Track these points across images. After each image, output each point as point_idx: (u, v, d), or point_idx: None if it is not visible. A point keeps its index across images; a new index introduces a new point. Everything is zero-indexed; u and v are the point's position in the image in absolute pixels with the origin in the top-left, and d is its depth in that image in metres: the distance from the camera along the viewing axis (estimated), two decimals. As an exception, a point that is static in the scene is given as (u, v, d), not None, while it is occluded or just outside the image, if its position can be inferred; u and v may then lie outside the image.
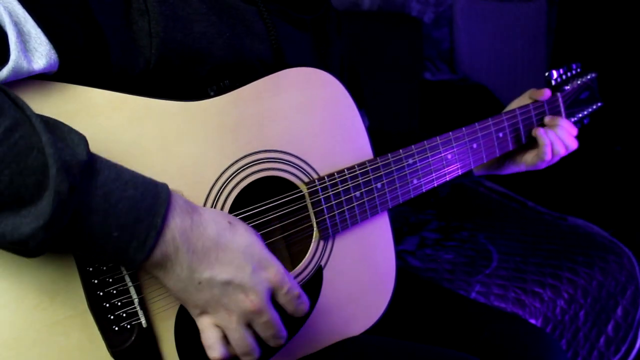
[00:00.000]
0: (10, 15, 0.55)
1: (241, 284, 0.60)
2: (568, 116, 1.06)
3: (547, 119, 1.01)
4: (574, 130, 1.00)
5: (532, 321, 1.43)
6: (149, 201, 0.55)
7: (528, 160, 1.01)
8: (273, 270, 0.63)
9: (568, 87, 1.06)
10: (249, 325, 0.63)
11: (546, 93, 1.01)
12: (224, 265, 0.60)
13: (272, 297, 0.63)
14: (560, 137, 0.98)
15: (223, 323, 0.62)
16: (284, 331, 0.64)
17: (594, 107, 1.12)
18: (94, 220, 0.53)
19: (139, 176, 0.57)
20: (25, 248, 0.51)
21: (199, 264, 0.59)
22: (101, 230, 0.53)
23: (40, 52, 0.56)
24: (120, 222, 0.54)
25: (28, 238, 0.50)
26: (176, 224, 0.57)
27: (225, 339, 0.62)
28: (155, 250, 0.56)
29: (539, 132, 0.97)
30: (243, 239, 0.62)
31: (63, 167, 0.50)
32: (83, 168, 0.52)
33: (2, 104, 0.51)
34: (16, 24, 0.55)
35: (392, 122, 2.16)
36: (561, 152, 0.98)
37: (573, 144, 1.00)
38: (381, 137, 0.94)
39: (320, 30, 0.91)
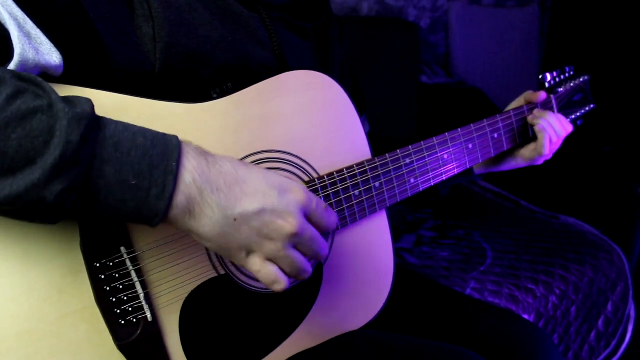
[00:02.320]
0: (10, 15, 0.55)
1: (274, 209, 0.58)
2: (561, 117, 1.06)
3: (535, 111, 1.01)
4: (564, 119, 1.00)
5: (525, 316, 1.43)
6: (161, 148, 0.54)
7: (526, 155, 1.01)
8: (297, 190, 0.61)
9: (561, 89, 1.06)
10: (295, 247, 0.61)
11: (541, 95, 1.01)
12: (251, 195, 0.58)
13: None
14: (551, 123, 0.98)
15: (272, 254, 0.59)
16: (325, 242, 0.63)
17: (587, 108, 1.12)
18: (108, 170, 0.52)
19: (147, 129, 0.55)
20: (44, 206, 0.50)
21: (227, 201, 0.56)
22: (117, 180, 0.52)
23: (42, 51, 0.56)
24: (135, 170, 0.52)
25: (43, 189, 0.49)
26: (192, 165, 0.55)
27: (280, 267, 0.60)
28: (177, 195, 0.54)
29: (538, 127, 0.97)
30: (258, 170, 0.60)
31: (74, 119, 0.50)
32: (92, 121, 0.51)
33: (3, 75, 0.50)
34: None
35: (389, 125, 2.16)
36: (554, 138, 0.98)
37: (567, 127, 1.00)
38: (381, 143, 0.94)
39: (322, 38, 0.91)
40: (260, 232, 0.58)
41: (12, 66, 0.54)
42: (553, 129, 0.98)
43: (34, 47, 0.56)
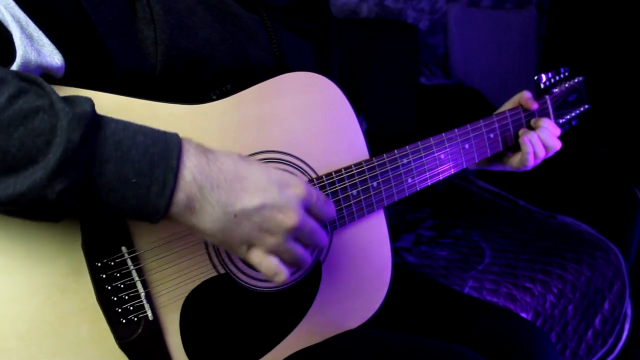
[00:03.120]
0: (13, 17, 0.55)
1: (274, 205, 0.58)
2: (556, 118, 1.06)
3: (532, 121, 1.00)
4: (557, 131, 0.99)
5: (523, 315, 1.43)
6: (161, 146, 0.54)
7: (513, 163, 1.00)
8: (297, 184, 0.61)
9: (556, 90, 1.06)
10: (296, 239, 0.61)
11: (533, 105, 1.00)
12: (251, 192, 0.58)
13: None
14: (541, 139, 0.97)
15: (274, 247, 0.60)
16: (324, 233, 0.63)
17: (582, 109, 1.12)
18: (109, 169, 0.52)
19: (147, 126, 0.55)
20: (46, 204, 0.50)
21: (228, 198, 0.56)
22: (118, 178, 0.52)
23: (44, 53, 0.56)
24: (135, 169, 0.52)
25: (45, 188, 0.49)
26: (192, 163, 0.55)
27: (280, 259, 0.61)
28: (177, 193, 0.54)
29: (522, 140, 0.96)
30: (258, 166, 0.60)
31: (74, 119, 0.50)
32: (92, 120, 0.51)
33: (5, 75, 0.50)
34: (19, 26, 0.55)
35: (389, 125, 2.16)
36: (541, 154, 0.97)
37: (556, 145, 0.98)
38: (378, 140, 0.94)
39: (321, 38, 0.91)
40: (261, 226, 0.58)
41: (14, 68, 0.54)
42: (542, 144, 0.97)
43: (36, 48, 0.56)
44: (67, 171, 0.49)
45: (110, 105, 0.62)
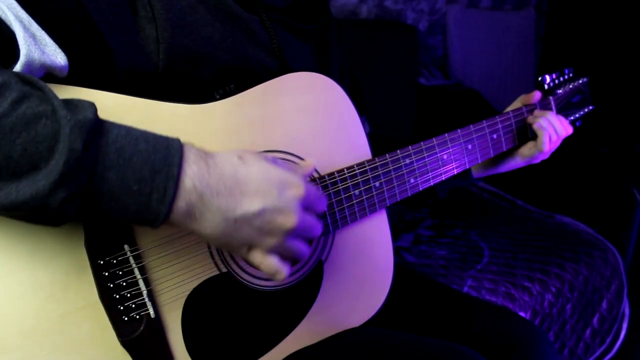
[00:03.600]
0: (16, 17, 0.55)
1: (274, 208, 0.58)
2: (560, 119, 1.06)
3: (536, 112, 1.00)
4: (565, 121, 1.00)
5: (522, 314, 1.43)
6: (162, 153, 0.54)
7: (524, 153, 0.99)
8: (297, 184, 0.61)
9: (560, 91, 1.06)
10: (295, 236, 0.61)
11: (536, 95, 1.00)
12: (251, 196, 0.58)
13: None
14: (551, 122, 0.97)
15: (273, 247, 0.60)
16: (320, 223, 0.64)
17: (586, 110, 1.11)
18: (111, 176, 0.51)
19: (149, 132, 0.55)
20: (47, 211, 0.50)
21: (228, 204, 0.56)
22: (120, 185, 0.52)
23: (47, 52, 0.56)
24: (137, 176, 0.52)
25: (47, 197, 0.49)
26: (193, 171, 0.55)
27: (280, 256, 0.61)
28: (177, 200, 0.54)
29: (535, 126, 0.96)
30: (258, 168, 0.60)
31: (76, 126, 0.49)
32: (94, 127, 0.51)
33: (9, 80, 0.50)
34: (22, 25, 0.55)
35: (389, 125, 2.15)
36: (554, 137, 0.97)
37: (567, 128, 0.99)
38: (380, 142, 0.93)
39: (321, 40, 0.90)
40: (262, 229, 0.58)
41: (18, 67, 0.54)
42: (553, 127, 0.97)
43: (40, 47, 0.56)
44: (69, 180, 0.49)
45: (113, 105, 0.61)
